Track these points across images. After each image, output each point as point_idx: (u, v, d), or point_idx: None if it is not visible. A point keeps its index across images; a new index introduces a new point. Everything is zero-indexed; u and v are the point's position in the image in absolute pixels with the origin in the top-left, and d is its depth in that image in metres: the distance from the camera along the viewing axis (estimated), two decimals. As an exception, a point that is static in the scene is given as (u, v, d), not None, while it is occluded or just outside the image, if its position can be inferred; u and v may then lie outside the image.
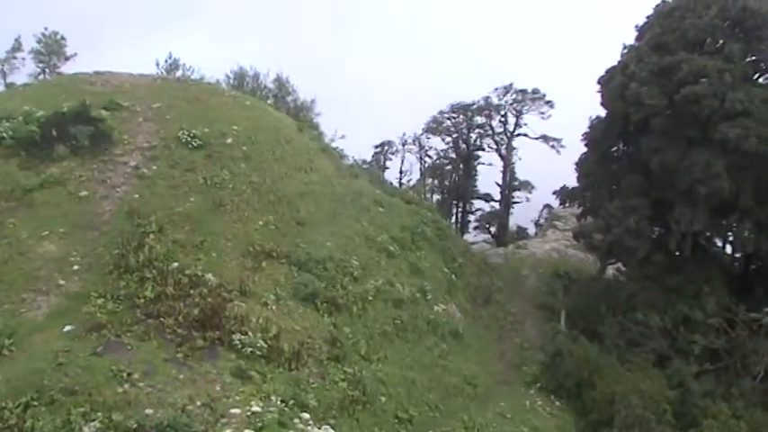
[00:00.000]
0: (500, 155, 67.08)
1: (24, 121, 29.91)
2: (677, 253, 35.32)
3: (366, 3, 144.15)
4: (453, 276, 36.71)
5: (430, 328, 30.44)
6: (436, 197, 72.09)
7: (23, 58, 50.76)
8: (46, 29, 50.89)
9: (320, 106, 57.00)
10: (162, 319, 21.34)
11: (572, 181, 41.41)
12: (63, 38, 51.38)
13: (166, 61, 49.01)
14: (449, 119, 69.44)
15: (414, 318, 29.94)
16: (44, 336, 20.35)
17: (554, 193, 44.48)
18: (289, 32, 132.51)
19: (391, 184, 59.20)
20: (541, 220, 69.79)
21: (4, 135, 29.16)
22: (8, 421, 16.42)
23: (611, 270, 41.95)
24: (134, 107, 33.24)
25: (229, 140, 32.30)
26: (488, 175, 69.11)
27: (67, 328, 20.56)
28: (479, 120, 68.01)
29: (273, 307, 24.64)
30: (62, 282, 22.83)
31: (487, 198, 70.12)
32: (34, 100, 32.61)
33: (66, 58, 51.23)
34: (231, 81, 53.14)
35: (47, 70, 50.58)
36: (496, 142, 67.33)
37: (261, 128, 34.84)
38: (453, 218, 68.85)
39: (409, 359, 27.66)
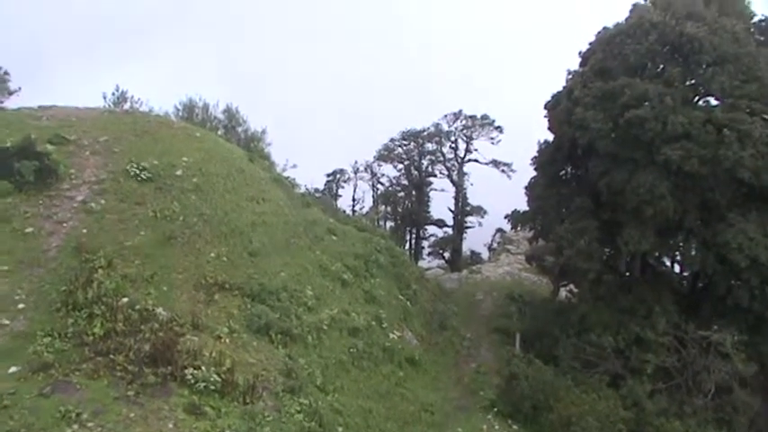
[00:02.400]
0: (452, 181, 67.83)
1: (-34, 158, 29.19)
2: (627, 273, 36.06)
3: (319, 32, 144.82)
4: (408, 303, 36.81)
5: (386, 355, 30.42)
6: (389, 224, 72.46)
7: (-36, 94, 49.49)
8: (-12, 64, 49.76)
9: (271, 136, 56.87)
10: (112, 356, 20.87)
11: (523, 205, 42.07)
12: (6, 72, 50.22)
13: (113, 94, 48.31)
14: (400, 146, 70.10)
15: (369, 346, 29.89)
16: (-12, 378, 19.74)
17: (506, 217, 45.08)
18: (238, 61, 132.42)
19: (344, 212, 59.35)
20: (494, 245, 70.63)
21: (-56, 172, 28.38)
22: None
23: (563, 292, 42.54)
24: (81, 141, 32.68)
25: (179, 172, 31.99)
26: (441, 201, 69.92)
27: (12, 369, 19.92)
28: (430, 146, 68.82)
29: (227, 340, 24.34)
30: (6, 321, 22.13)
31: (440, 224, 70.71)
32: (-24, 136, 31.88)
33: (10, 93, 50.01)
34: (180, 113, 52.60)
35: (-11, 105, 49.40)
36: (448, 168, 68.10)
37: (211, 159, 34.59)
38: (407, 244, 69.22)
39: (366, 388, 27.55)
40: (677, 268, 39.80)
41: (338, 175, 75.12)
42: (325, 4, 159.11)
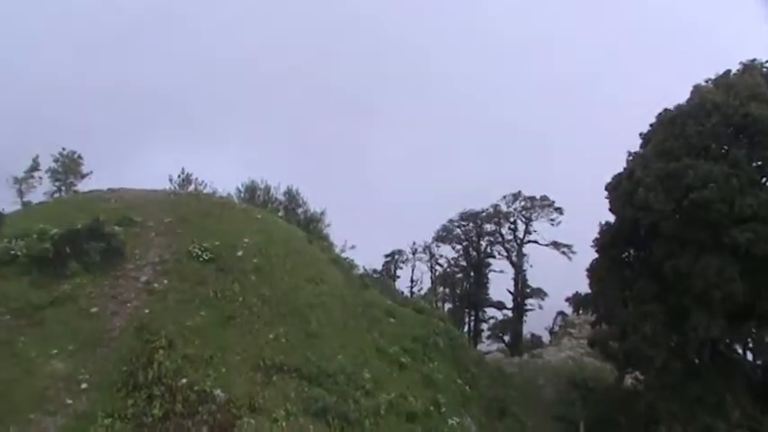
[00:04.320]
0: (511, 262, 67.19)
1: (38, 239, 30.25)
2: (696, 361, 34.69)
3: (378, 116, 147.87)
4: (467, 388, 35.94)
5: (444, 441, 29.59)
6: (448, 306, 71.74)
7: (40, 177, 51.74)
8: (64, 149, 52.14)
9: (330, 217, 57.60)
10: (170, 437, 20.88)
11: (584, 287, 41.35)
12: (80, 156, 52.55)
13: (179, 176, 49.94)
14: (459, 227, 70.10)
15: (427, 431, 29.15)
16: (50, 458, 19.88)
17: (567, 299, 44.44)
18: (302, 144, 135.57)
19: (402, 293, 59.03)
20: (555, 328, 69.09)
21: (18, 253, 29.45)
22: None
23: (629, 379, 41.11)
24: (146, 222, 33.70)
25: (240, 253, 32.49)
26: (500, 283, 69.05)
27: (74, 450, 20.10)
28: (489, 227, 68.64)
29: (284, 423, 24.00)
30: (69, 401, 22.45)
31: (500, 306, 69.67)
32: (49, 218, 33.11)
33: (83, 176, 52.19)
34: (242, 194, 53.93)
35: (63, 188, 51.49)
36: (507, 249, 67.62)
37: (271, 240, 35.09)
38: (466, 327, 68.18)
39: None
40: (750, 356, 38.18)
41: (396, 256, 75.16)
42: (382, 82, 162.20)
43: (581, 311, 46.27)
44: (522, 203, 66.47)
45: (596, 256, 39.98)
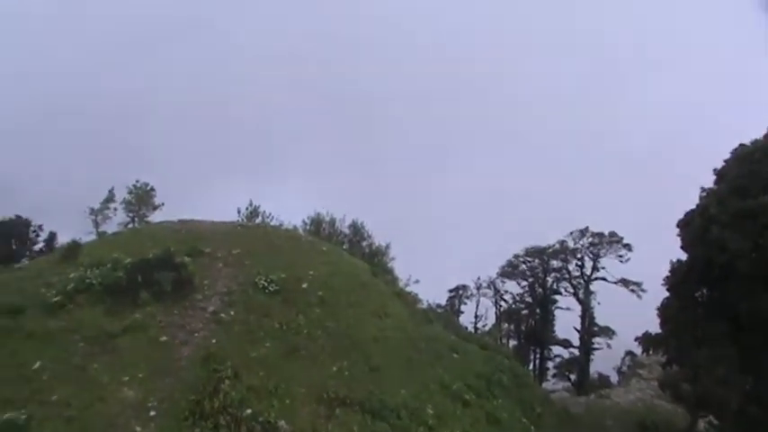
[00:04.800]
0: (578, 299, 65.98)
1: (112, 268, 31.29)
2: (773, 405, 33.24)
3: (446, 150, 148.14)
4: (532, 427, 35.15)
5: (508, 482, 29.00)
6: (513, 343, 70.79)
7: (115, 209, 53.69)
8: (137, 181, 54.07)
9: (395, 250, 57.81)
10: (234, 467, 21.07)
11: (654, 326, 40.17)
12: (152, 189, 54.44)
13: (247, 208, 51.02)
14: (524, 263, 69.40)
15: (492, 470, 28.65)
16: (118, 483, 20.30)
17: (636, 339, 43.12)
18: (370, 177, 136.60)
19: (466, 328, 58.50)
20: (624, 368, 67.25)
21: (93, 282, 30.52)
22: None
23: (702, 423, 39.60)
24: (215, 253, 34.46)
25: (305, 285, 32.85)
26: (566, 320, 67.87)
27: (142, 475, 20.48)
28: (555, 263, 67.74)
29: (346, 457, 24.03)
30: (138, 428, 22.92)
31: (566, 344, 68.36)
32: (123, 248, 34.22)
33: (155, 208, 53.97)
34: (308, 227, 54.72)
35: (136, 219, 53.23)
36: (574, 286, 66.49)
37: (336, 273, 35.40)
38: (531, 364, 67.10)
39: None
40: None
41: (461, 291, 74.71)
42: (451, 118, 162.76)
43: (651, 352, 44.84)
44: (590, 240, 65.45)
45: (667, 294, 38.88)
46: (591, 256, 65.36)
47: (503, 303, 73.12)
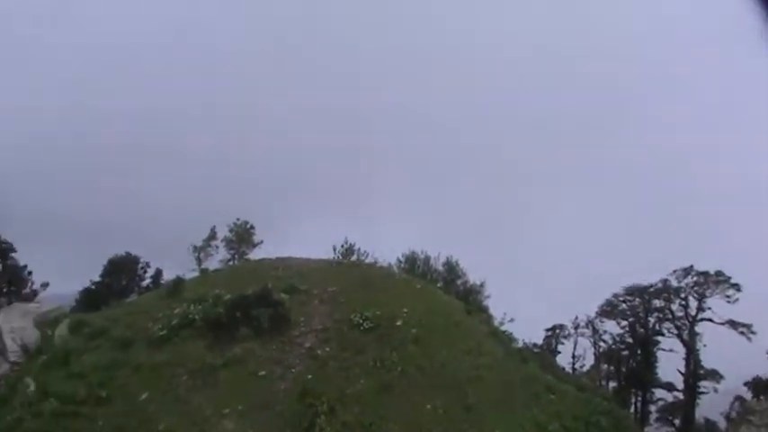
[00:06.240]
0: (682, 341, 63.31)
1: (213, 304, 32.56)
2: None
3: (536, 190, 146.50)
4: (633, 472, 33.96)
5: None
6: (612, 385, 68.36)
7: (217, 246, 55.63)
8: (238, 219, 55.99)
9: (490, 288, 57.32)
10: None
11: (766, 370, 38.21)
12: (252, 227, 56.13)
13: (342, 246, 51.78)
14: (624, 302, 67.27)
15: None
16: None
17: (746, 384, 41.18)
18: (466, 213, 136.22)
19: (563, 369, 57.08)
20: (733, 414, 63.64)
21: (195, 317, 31.85)
22: None
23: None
24: (311, 290, 35.24)
25: (399, 323, 33.01)
26: (670, 363, 65.00)
27: None
28: (658, 303, 65.32)
29: (440, 496, 23.82)
30: (238, 460, 23.61)
31: (670, 387, 65.49)
32: (223, 284, 35.55)
33: (254, 245, 55.59)
34: (402, 265, 55.02)
35: (236, 256, 54.98)
36: (677, 327, 63.89)
37: (430, 311, 35.43)
38: (632, 408, 64.53)
39: None
40: None
41: (558, 331, 72.91)
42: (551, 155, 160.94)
43: (762, 397, 42.63)
44: (695, 279, 62.89)
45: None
46: (696, 295, 62.73)
47: (602, 344, 70.82)
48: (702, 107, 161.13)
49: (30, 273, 44.17)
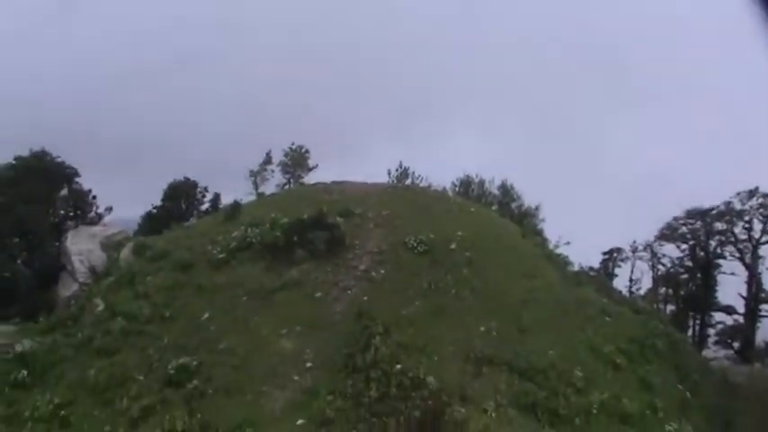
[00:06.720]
0: (744, 264, 61.90)
1: (270, 228, 33.21)
2: None
3: (595, 113, 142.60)
4: (688, 394, 33.80)
5: (661, 448, 28.09)
6: (670, 308, 67.70)
7: (272, 170, 56.22)
8: (293, 143, 56.32)
9: (545, 211, 56.91)
10: (385, 418, 21.85)
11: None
12: (307, 151, 56.47)
13: (397, 170, 51.69)
14: (685, 225, 65.81)
15: (643, 435, 27.85)
16: (280, 427, 21.86)
17: (808, 307, 40.29)
18: (525, 136, 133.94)
19: (620, 292, 56.70)
20: (794, 338, 62.84)
21: (253, 240, 32.60)
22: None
23: None
24: (366, 214, 35.52)
25: (453, 246, 33.14)
26: (730, 286, 63.80)
27: (300, 421, 21.86)
28: (720, 226, 63.65)
29: (493, 414, 24.17)
30: (296, 377, 24.44)
31: (729, 311, 64.44)
32: (279, 208, 36.12)
33: (309, 170, 56.05)
34: (457, 188, 54.85)
35: (291, 180, 55.57)
36: (740, 250, 62.35)
37: (484, 234, 35.43)
38: (690, 331, 63.98)
39: (638, 480, 25.65)
40: None
41: (615, 254, 71.97)
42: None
43: (824, 322, 41.84)
44: (760, 201, 60.92)
45: None
46: (760, 218, 60.96)
47: (660, 267, 69.80)
48: None
49: (94, 197, 45.45)
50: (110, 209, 45.97)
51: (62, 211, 44.36)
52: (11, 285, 37.70)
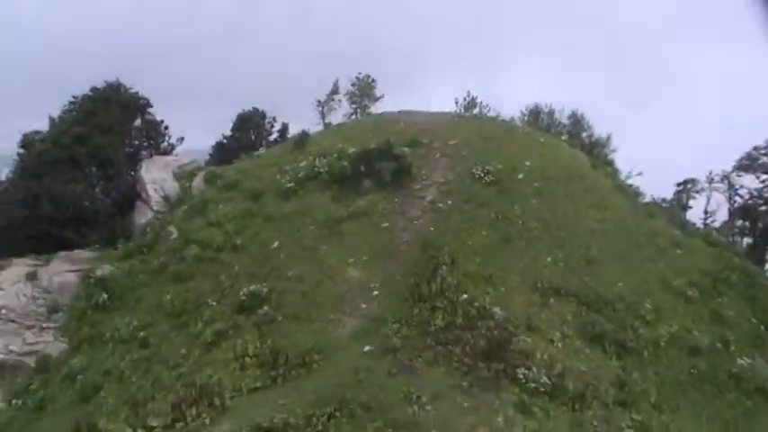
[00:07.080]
0: (829, 195, 59.53)
1: (338, 158, 33.42)
2: None
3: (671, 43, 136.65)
4: (763, 328, 33.05)
5: (732, 381, 27.60)
6: (747, 241, 65.74)
7: (340, 100, 56.18)
8: (360, 73, 55.91)
9: (617, 142, 55.49)
10: (450, 347, 22.20)
11: None
12: (374, 80, 55.99)
13: (465, 99, 50.88)
14: (765, 155, 63.27)
15: (713, 369, 27.31)
16: (347, 354, 22.37)
17: None
18: (598, 65, 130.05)
19: (694, 224, 55.25)
20: None
21: (321, 170, 32.92)
22: (316, 427, 18.18)
23: None
24: (432, 144, 35.23)
25: (521, 176, 32.73)
26: (813, 220, 61.54)
27: (367, 348, 22.33)
28: (803, 155, 61.05)
29: (559, 344, 24.25)
30: (363, 305, 24.90)
31: (811, 244, 62.38)
32: (346, 138, 36.21)
33: (376, 99, 55.70)
34: (526, 118, 53.81)
35: (358, 110, 55.41)
36: (825, 181, 59.90)
37: (553, 164, 34.82)
38: (767, 265, 62.12)
39: (706, 413, 25.44)
40: None
41: (689, 186, 69.76)
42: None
43: None
44: None
45: None
46: None
47: (737, 199, 67.48)
48: None
49: (167, 128, 46.29)
50: (181, 139, 46.80)
51: (136, 142, 45.38)
52: (90, 213, 39.11)
